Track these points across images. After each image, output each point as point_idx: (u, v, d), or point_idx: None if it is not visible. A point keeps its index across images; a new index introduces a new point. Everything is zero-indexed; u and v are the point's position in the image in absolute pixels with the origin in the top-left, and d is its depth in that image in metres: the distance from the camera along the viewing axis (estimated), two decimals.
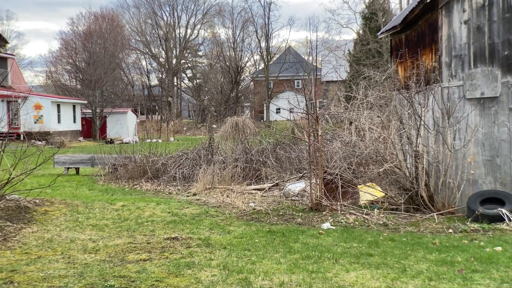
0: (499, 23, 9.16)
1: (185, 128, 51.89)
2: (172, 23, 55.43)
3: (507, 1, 9.10)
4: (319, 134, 9.69)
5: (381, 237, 7.66)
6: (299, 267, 5.90)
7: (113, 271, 5.71)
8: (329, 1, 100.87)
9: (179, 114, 54.89)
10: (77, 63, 44.09)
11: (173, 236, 7.44)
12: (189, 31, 57.06)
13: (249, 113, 61.50)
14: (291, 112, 11.32)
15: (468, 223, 8.51)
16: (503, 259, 6.33)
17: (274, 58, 60.10)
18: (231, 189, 12.28)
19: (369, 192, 10.70)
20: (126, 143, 36.00)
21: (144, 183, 14.10)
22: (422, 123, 9.46)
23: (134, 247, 6.95)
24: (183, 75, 60.76)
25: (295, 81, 63.38)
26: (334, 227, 8.51)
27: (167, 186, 13.71)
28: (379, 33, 14.55)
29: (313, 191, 9.93)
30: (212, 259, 6.23)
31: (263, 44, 54.63)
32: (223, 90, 54.13)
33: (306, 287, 5.21)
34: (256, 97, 60.68)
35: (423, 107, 9.64)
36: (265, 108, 60.67)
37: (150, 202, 10.67)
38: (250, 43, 57.01)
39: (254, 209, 10.05)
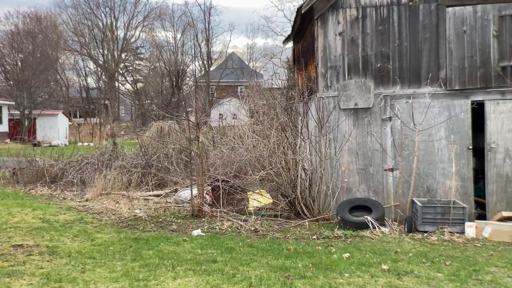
0: (372, 35, 9.51)
1: (122, 132, 50.72)
2: (109, 25, 54.23)
3: (380, 14, 9.47)
4: (200, 140, 9.68)
5: (241, 244, 7.70)
6: (129, 275, 5.81)
7: None
8: (263, 9, 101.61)
9: (117, 117, 53.60)
10: (4, 63, 42.19)
11: (20, 243, 7.17)
12: (128, 33, 56.07)
13: (193, 118, 60.97)
14: (184, 119, 11.23)
15: (336, 230, 8.71)
16: (342, 266, 6.50)
17: (217, 63, 59.99)
18: (126, 195, 12.05)
19: (256, 199, 10.81)
20: (54, 146, 34.85)
21: (40, 187, 13.63)
22: (299, 132, 9.65)
23: None
24: (123, 78, 59.58)
25: (238, 87, 63.58)
26: (204, 234, 8.49)
27: (64, 191, 13.33)
28: (282, 42, 14.80)
29: (194, 198, 9.89)
30: (43, 268, 6.04)
31: (204, 49, 54.41)
32: (164, 94, 53.43)
33: None
34: (198, 102, 60.24)
35: (302, 116, 9.84)
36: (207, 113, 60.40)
37: (28, 207, 10.29)
38: (192, 47, 56.62)
39: (135, 215, 9.89)
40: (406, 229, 8.74)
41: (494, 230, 8.22)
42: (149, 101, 56.83)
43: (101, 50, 53.88)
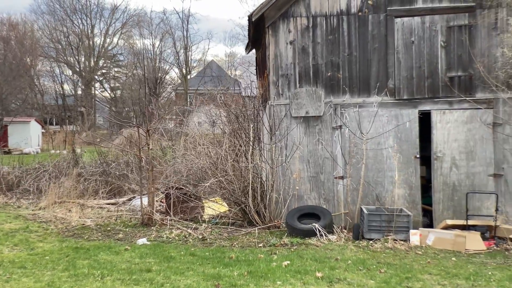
0: (323, 44, 9.58)
1: (98, 140, 50.16)
2: (86, 32, 53.79)
3: (330, 24, 9.55)
4: (150, 147, 9.60)
5: (183, 252, 7.63)
6: (53, 285, 5.71)
7: None
8: (238, 17, 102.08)
9: (93, 125, 53.00)
10: None
11: None
12: (106, 40, 55.67)
13: (173, 125, 60.56)
14: (135, 126, 11.13)
15: (284, 238, 8.69)
16: (278, 274, 6.46)
17: (197, 71, 59.85)
18: (82, 204, 11.87)
19: (211, 207, 10.75)
20: (26, 153, 34.28)
21: None
22: (250, 139, 9.64)
23: None
24: (100, 85, 59.03)
25: (217, 95, 63.43)
26: (149, 243, 8.39)
27: (20, 200, 13.10)
28: (245, 49, 14.84)
29: (144, 206, 9.79)
30: None
31: (182, 57, 54.33)
32: (141, 102, 53.06)
33: None
34: (177, 109, 59.93)
35: (254, 124, 9.84)
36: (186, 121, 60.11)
37: None
38: (170, 55, 56.57)
39: (83, 224, 9.74)
40: (353, 236, 8.77)
41: (437, 238, 8.30)
42: (127, 108, 56.37)
43: (77, 57, 53.36)
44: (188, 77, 56.85)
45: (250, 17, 9.55)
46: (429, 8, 9.38)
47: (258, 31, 10.96)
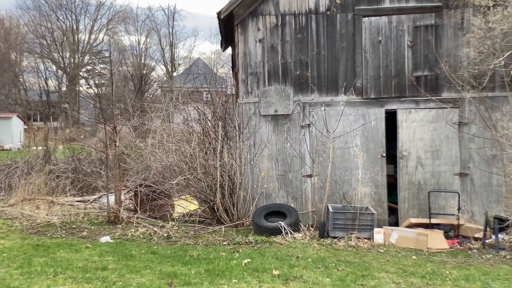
0: (292, 43, 9.58)
1: (82, 137, 49.73)
2: (71, 28, 53.25)
3: (299, 23, 9.56)
4: (117, 145, 9.54)
5: (144, 251, 7.59)
6: (3, 283, 5.64)
7: None
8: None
9: (77, 122, 52.52)
10: None
11: None
12: (91, 36, 55.16)
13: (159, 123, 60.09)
14: (102, 123, 11.04)
15: (250, 236, 8.69)
16: (236, 272, 6.46)
17: (181, 68, 59.58)
18: (51, 201, 11.76)
19: (181, 205, 10.71)
20: (6, 150, 33.90)
21: None
22: (218, 137, 9.62)
23: None
24: (85, 81, 58.48)
25: (204, 93, 63.27)
26: (113, 241, 8.33)
27: None
28: (220, 46, 14.80)
29: (111, 204, 9.72)
30: None
31: (167, 54, 54.07)
32: (126, 99, 52.74)
33: None
34: (163, 107, 59.59)
35: (222, 121, 9.82)
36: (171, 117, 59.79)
37: None
38: (156, 51, 56.28)
39: (48, 222, 9.65)
40: (319, 234, 8.79)
41: (401, 236, 8.36)
42: (111, 105, 55.98)
43: (61, 53, 52.79)
44: (174, 74, 56.62)
45: (219, 14, 9.51)
46: (396, 8, 9.43)
47: (229, 28, 10.93)
